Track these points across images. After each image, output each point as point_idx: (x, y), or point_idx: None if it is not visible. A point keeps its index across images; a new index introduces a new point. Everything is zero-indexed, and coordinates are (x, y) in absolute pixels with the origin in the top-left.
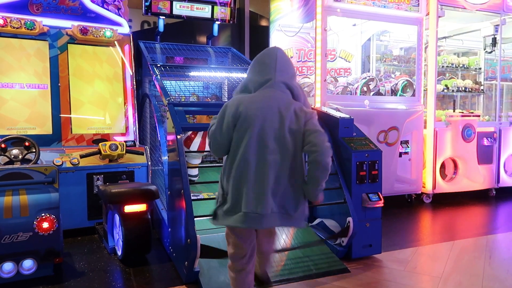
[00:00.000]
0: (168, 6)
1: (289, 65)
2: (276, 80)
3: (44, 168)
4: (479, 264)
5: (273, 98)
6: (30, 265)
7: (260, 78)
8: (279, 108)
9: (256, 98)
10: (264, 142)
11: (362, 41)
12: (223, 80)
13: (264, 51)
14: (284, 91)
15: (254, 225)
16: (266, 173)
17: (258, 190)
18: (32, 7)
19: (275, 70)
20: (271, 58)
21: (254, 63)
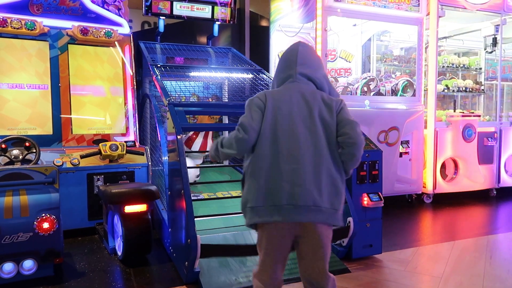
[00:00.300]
0: (168, 6)
1: (312, 58)
2: (297, 74)
3: (45, 169)
4: (480, 264)
5: (295, 89)
6: (31, 265)
7: (283, 74)
8: (304, 97)
9: (280, 91)
10: (294, 132)
11: (362, 41)
12: (224, 81)
13: (287, 48)
14: (307, 83)
15: (292, 218)
16: (302, 166)
17: (295, 181)
18: (32, 8)
19: (296, 64)
20: (293, 54)
21: (280, 60)
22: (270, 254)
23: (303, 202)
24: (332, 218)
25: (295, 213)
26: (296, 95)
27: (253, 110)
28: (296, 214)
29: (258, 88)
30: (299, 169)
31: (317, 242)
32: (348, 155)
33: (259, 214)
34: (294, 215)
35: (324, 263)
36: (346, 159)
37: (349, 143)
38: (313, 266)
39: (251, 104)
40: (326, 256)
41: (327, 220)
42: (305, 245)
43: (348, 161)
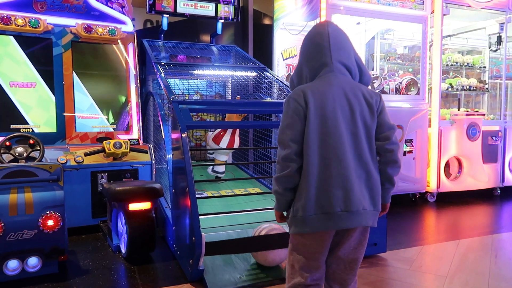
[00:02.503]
0: (171, 4)
1: (344, 41)
2: (334, 62)
3: (49, 166)
4: (485, 263)
5: (336, 84)
6: (35, 262)
7: (315, 62)
8: (346, 94)
9: (320, 88)
10: (340, 135)
11: (366, 40)
12: (227, 79)
13: (313, 29)
14: (344, 73)
15: (345, 224)
16: (350, 170)
17: (345, 186)
18: (36, 5)
19: (329, 50)
20: (323, 36)
21: (304, 45)
22: (317, 259)
23: (355, 207)
24: (375, 219)
25: (348, 219)
26: (338, 93)
27: (290, 118)
28: (349, 220)
29: (262, 86)
30: (347, 174)
31: (358, 244)
32: (391, 162)
33: (311, 223)
34: (346, 221)
35: (358, 266)
36: (389, 166)
37: (390, 150)
38: (346, 268)
39: (288, 109)
40: (362, 258)
41: (373, 224)
42: (346, 248)
43: (391, 168)
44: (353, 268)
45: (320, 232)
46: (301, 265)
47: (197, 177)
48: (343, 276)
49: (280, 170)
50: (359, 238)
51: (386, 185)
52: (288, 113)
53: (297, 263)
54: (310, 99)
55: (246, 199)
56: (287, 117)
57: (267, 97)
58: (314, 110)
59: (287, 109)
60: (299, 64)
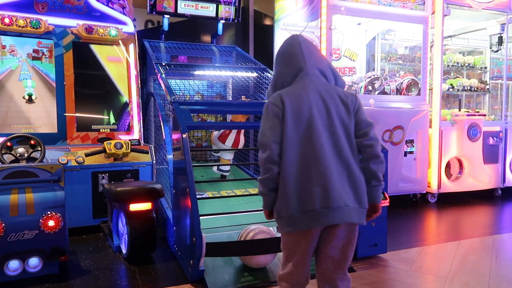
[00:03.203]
0: (172, 5)
1: (314, 49)
2: (308, 67)
3: (50, 167)
4: (486, 264)
5: (311, 86)
6: (36, 263)
7: (291, 69)
8: (321, 95)
9: (296, 90)
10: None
11: (367, 40)
12: (228, 79)
13: (285, 41)
14: (319, 76)
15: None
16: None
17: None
18: (37, 6)
19: (303, 56)
20: (296, 46)
21: (279, 55)
22: (304, 257)
23: (335, 203)
24: (362, 217)
25: (329, 215)
26: (314, 94)
27: (270, 120)
28: (330, 217)
29: (263, 86)
30: (326, 172)
31: (346, 242)
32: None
33: (294, 223)
34: (328, 218)
35: (347, 264)
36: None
37: (369, 145)
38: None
39: (267, 113)
40: (351, 256)
41: (360, 221)
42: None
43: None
44: (342, 267)
45: (306, 231)
46: (293, 263)
47: (198, 178)
48: (333, 276)
49: (264, 172)
50: (347, 236)
51: (373, 182)
52: (267, 116)
53: (286, 258)
54: (287, 101)
55: (247, 199)
56: (267, 120)
57: None
58: (290, 111)
59: (266, 113)
60: (276, 73)
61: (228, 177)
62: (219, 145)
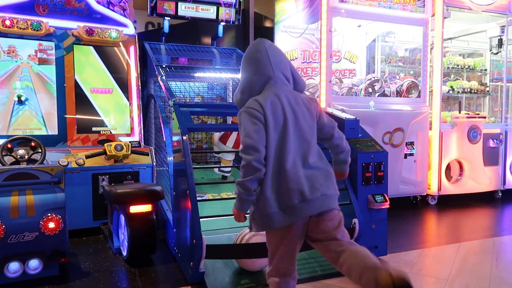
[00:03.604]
0: (173, 7)
1: (280, 55)
2: (276, 75)
3: (50, 168)
4: (486, 267)
5: (282, 94)
6: (36, 265)
7: (260, 76)
8: (290, 102)
9: (270, 97)
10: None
11: (367, 42)
12: (228, 81)
13: (252, 47)
14: (286, 83)
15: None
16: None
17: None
18: (38, 8)
19: (270, 64)
20: (263, 54)
21: (247, 61)
22: (290, 249)
23: (312, 195)
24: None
25: (309, 207)
26: (285, 102)
27: (256, 125)
28: (310, 208)
29: None
30: (297, 173)
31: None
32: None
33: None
34: (308, 210)
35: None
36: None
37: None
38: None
39: (250, 117)
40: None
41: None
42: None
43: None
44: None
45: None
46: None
47: (198, 180)
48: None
49: (249, 173)
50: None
51: (341, 164)
52: (251, 120)
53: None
54: (266, 109)
55: None
56: (251, 124)
57: None
58: (270, 118)
59: (248, 118)
60: (246, 79)
61: (229, 179)
62: (221, 146)
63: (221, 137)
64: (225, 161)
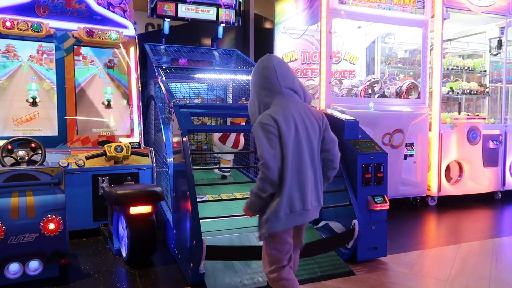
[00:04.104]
0: (173, 8)
1: (287, 70)
2: (284, 90)
3: (51, 170)
4: (486, 267)
5: (292, 106)
6: (36, 266)
7: (269, 92)
8: (301, 114)
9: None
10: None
11: (366, 44)
12: (228, 82)
13: (260, 64)
14: (293, 95)
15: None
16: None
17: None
18: (39, 10)
19: (277, 80)
20: (271, 71)
21: (256, 77)
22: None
23: (308, 206)
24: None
25: (305, 215)
26: (295, 113)
27: (271, 140)
28: (305, 216)
29: None
30: (306, 181)
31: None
32: (331, 169)
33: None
34: (304, 218)
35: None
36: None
37: (331, 160)
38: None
39: (265, 132)
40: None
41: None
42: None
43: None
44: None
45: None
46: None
47: (198, 181)
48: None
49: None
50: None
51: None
52: (266, 136)
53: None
54: (280, 122)
55: None
56: (267, 139)
57: None
58: (284, 131)
59: (263, 133)
60: (254, 95)
61: (229, 180)
62: (220, 145)
63: (221, 137)
64: (224, 160)
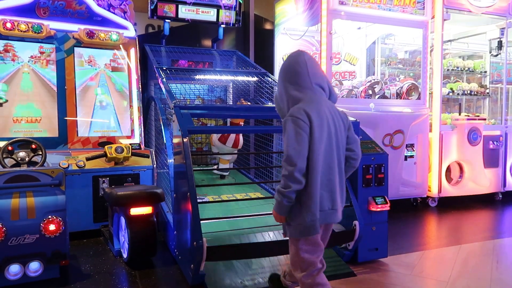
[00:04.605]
0: (173, 9)
1: (318, 67)
2: (314, 87)
3: (51, 171)
4: (486, 269)
5: (323, 104)
6: (37, 267)
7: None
8: (330, 112)
9: (313, 106)
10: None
11: (367, 44)
12: (228, 83)
13: (291, 58)
14: (322, 92)
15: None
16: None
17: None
18: (39, 11)
19: (309, 77)
20: (302, 66)
21: (285, 71)
22: (322, 252)
23: (336, 206)
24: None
25: (334, 215)
26: (326, 113)
27: (300, 135)
28: (334, 216)
29: (263, 91)
30: (335, 179)
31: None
32: (351, 167)
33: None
34: (333, 217)
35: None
36: (348, 170)
37: (354, 158)
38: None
39: (296, 127)
40: None
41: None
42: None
43: (349, 171)
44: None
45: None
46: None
47: (198, 182)
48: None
49: (292, 184)
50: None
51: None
52: (296, 130)
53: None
54: (313, 118)
55: (247, 203)
56: (295, 134)
57: (268, 102)
58: (316, 127)
59: (294, 127)
60: (282, 89)
61: (228, 180)
62: (220, 146)
63: (220, 137)
64: (223, 160)
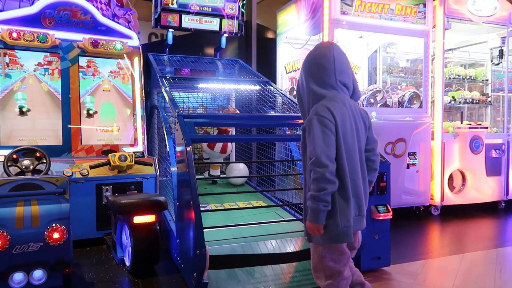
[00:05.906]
0: (177, 19)
1: (347, 64)
2: (338, 84)
3: (55, 179)
4: (490, 278)
5: (347, 105)
6: (40, 275)
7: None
8: (353, 112)
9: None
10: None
11: (368, 53)
12: (231, 92)
13: (319, 50)
14: (345, 92)
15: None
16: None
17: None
18: (44, 21)
19: (334, 73)
20: (329, 60)
21: (311, 64)
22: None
23: (363, 212)
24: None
25: (361, 222)
26: (349, 112)
27: (325, 133)
28: (361, 223)
29: (265, 99)
30: (359, 183)
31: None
32: (372, 170)
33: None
34: (360, 224)
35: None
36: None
37: (374, 160)
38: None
39: (322, 126)
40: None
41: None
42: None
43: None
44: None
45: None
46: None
47: (201, 190)
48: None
49: (326, 186)
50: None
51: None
52: (322, 130)
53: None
54: (337, 117)
55: (250, 212)
56: (322, 133)
57: (271, 110)
58: (340, 127)
59: (320, 126)
60: (305, 82)
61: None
62: (209, 151)
63: (209, 144)
64: (214, 166)
